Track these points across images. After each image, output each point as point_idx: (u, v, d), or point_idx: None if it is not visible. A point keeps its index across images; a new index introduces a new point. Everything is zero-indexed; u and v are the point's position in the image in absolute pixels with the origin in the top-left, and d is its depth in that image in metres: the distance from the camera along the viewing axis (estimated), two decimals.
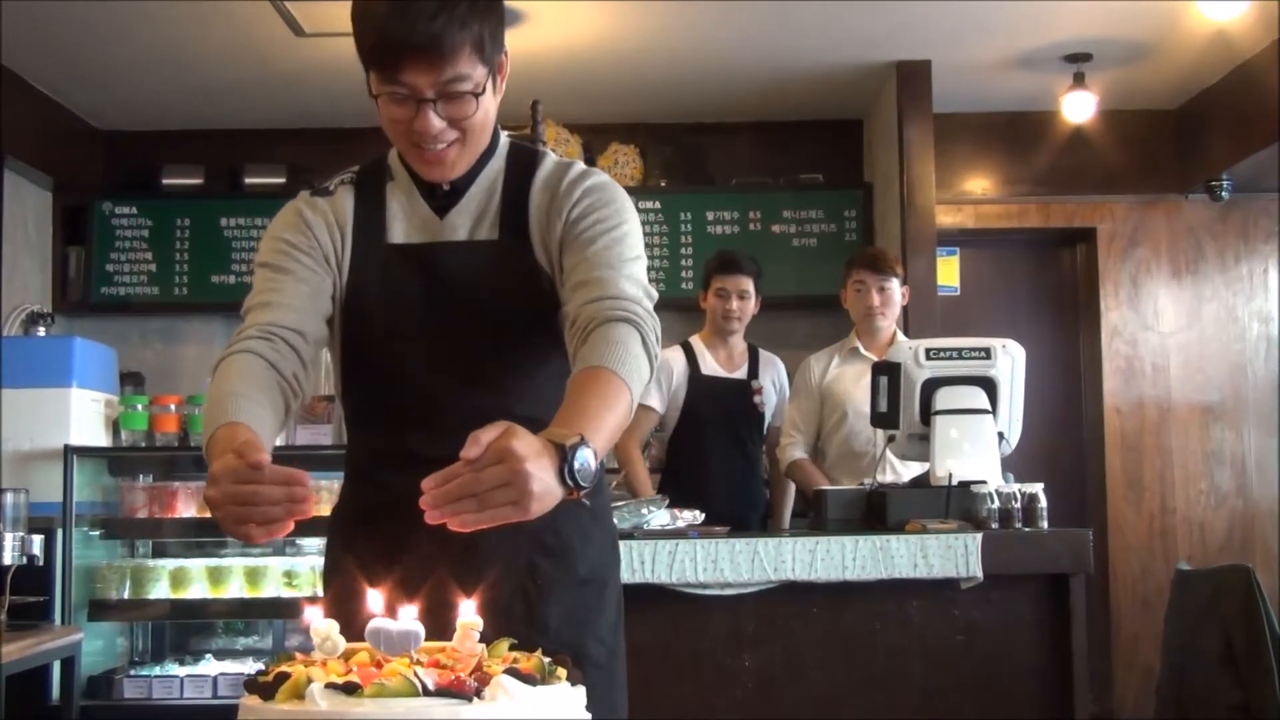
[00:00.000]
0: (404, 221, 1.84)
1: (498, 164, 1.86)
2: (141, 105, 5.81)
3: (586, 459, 1.43)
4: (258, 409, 1.66)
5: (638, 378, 1.61)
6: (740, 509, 4.24)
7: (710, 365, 4.35)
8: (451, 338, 1.77)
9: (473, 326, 1.78)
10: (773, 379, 4.45)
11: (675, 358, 4.35)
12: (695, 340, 4.43)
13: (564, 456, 1.41)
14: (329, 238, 1.84)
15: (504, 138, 1.90)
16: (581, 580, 1.85)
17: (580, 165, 1.87)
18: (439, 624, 1.38)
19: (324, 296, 1.82)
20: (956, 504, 3.51)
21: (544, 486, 1.38)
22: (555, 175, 1.85)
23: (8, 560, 3.60)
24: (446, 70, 1.65)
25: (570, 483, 1.41)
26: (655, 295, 1.77)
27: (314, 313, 1.81)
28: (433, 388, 1.79)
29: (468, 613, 1.37)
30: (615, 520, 3.18)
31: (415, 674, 1.24)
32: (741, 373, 4.39)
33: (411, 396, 1.81)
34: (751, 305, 4.37)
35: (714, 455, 4.25)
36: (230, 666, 4.31)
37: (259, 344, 1.75)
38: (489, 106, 1.76)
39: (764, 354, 4.47)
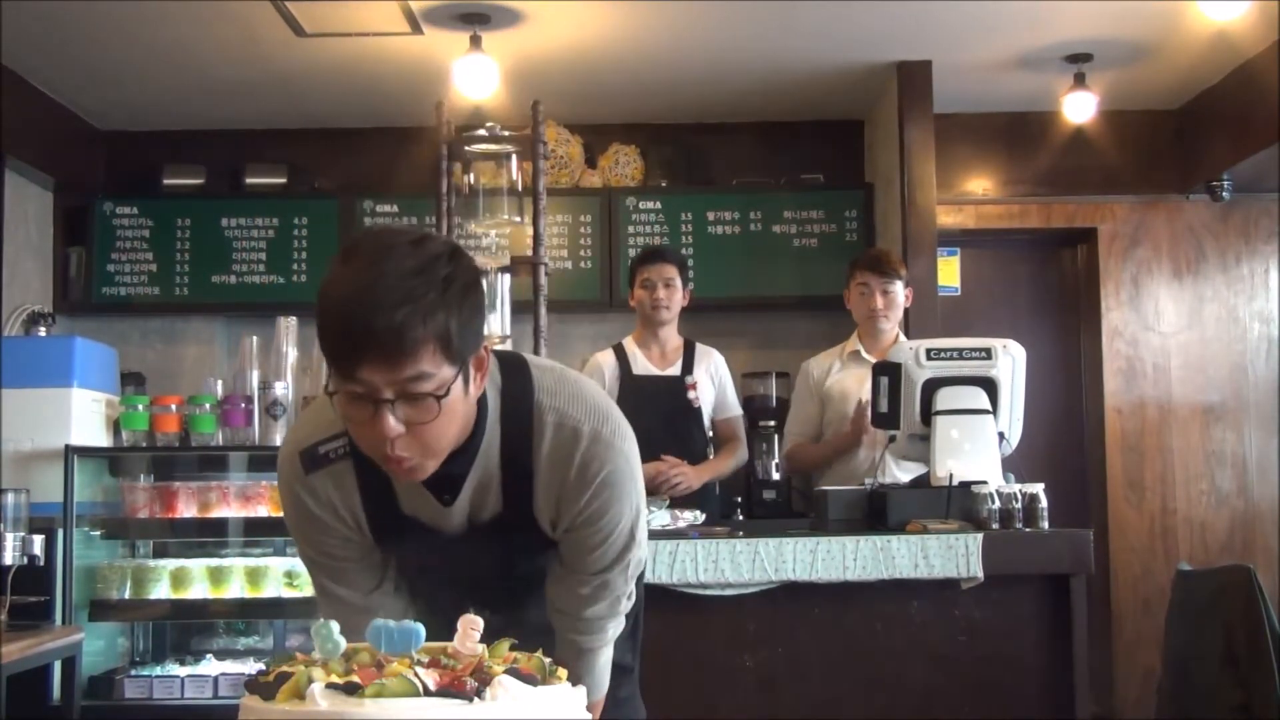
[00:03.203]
0: (410, 499, 1.81)
1: (492, 436, 1.74)
2: (142, 105, 5.81)
3: None
4: None
5: (603, 684, 1.98)
6: (704, 505, 4.21)
7: (642, 365, 4.32)
8: (466, 573, 1.89)
9: (484, 568, 1.89)
10: (709, 372, 4.39)
11: (606, 360, 4.33)
12: (628, 341, 4.41)
13: None
14: (341, 521, 1.81)
15: (494, 395, 1.74)
16: None
17: (584, 441, 1.75)
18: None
19: (372, 551, 1.88)
20: (957, 504, 3.51)
21: None
22: (561, 455, 1.75)
23: (8, 560, 3.60)
24: (406, 368, 1.50)
25: None
26: (641, 565, 1.96)
27: (372, 576, 1.90)
28: (451, 589, 1.91)
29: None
30: None
31: (415, 674, 1.24)
32: (675, 369, 4.34)
33: (435, 595, 1.94)
34: (679, 296, 4.32)
35: (656, 454, 4.18)
36: (231, 667, 4.31)
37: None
38: (457, 407, 1.59)
39: (700, 347, 4.42)
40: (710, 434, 4.41)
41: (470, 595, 1.85)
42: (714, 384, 4.39)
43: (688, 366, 4.35)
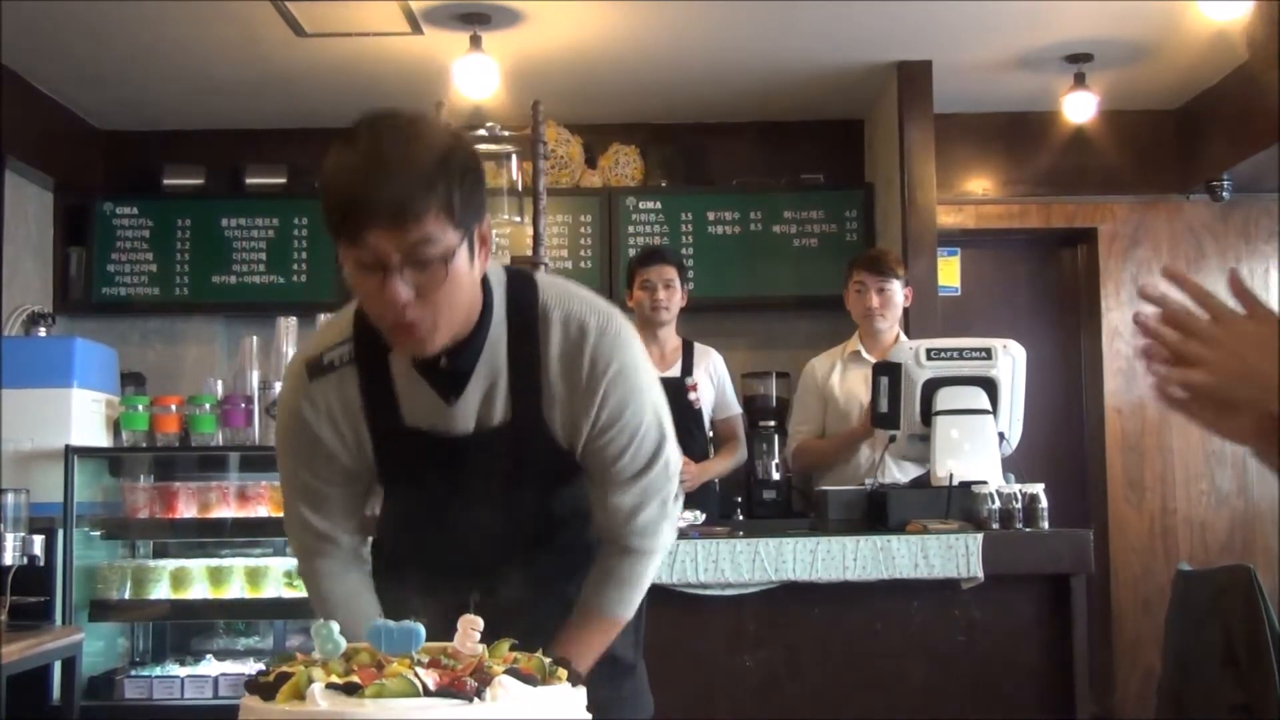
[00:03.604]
0: (412, 404, 1.77)
1: (498, 334, 1.75)
2: (142, 105, 5.81)
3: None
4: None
5: (633, 603, 1.90)
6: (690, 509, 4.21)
7: None
8: (476, 494, 1.82)
9: (495, 489, 1.83)
10: (708, 372, 4.39)
11: None
12: None
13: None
14: (338, 436, 1.80)
15: (499, 294, 1.77)
16: None
17: (592, 336, 1.77)
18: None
19: (356, 480, 1.86)
20: (957, 504, 3.51)
21: None
22: (571, 355, 1.76)
23: (9, 561, 3.60)
24: (412, 232, 1.54)
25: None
26: (679, 464, 1.91)
27: (356, 508, 1.89)
28: (460, 521, 1.84)
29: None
30: None
31: (415, 674, 1.24)
32: (675, 370, 4.34)
33: (442, 525, 1.87)
34: (678, 296, 4.32)
35: None
36: (231, 667, 4.30)
37: (322, 562, 1.89)
38: (463, 277, 1.62)
39: (699, 347, 4.42)
40: (710, 434, 4.41)
41: (473, 541, 1.82)
42: (713, 384, 4.38)
43: (687, 367, 4.35)
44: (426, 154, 1.56)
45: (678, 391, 4.30)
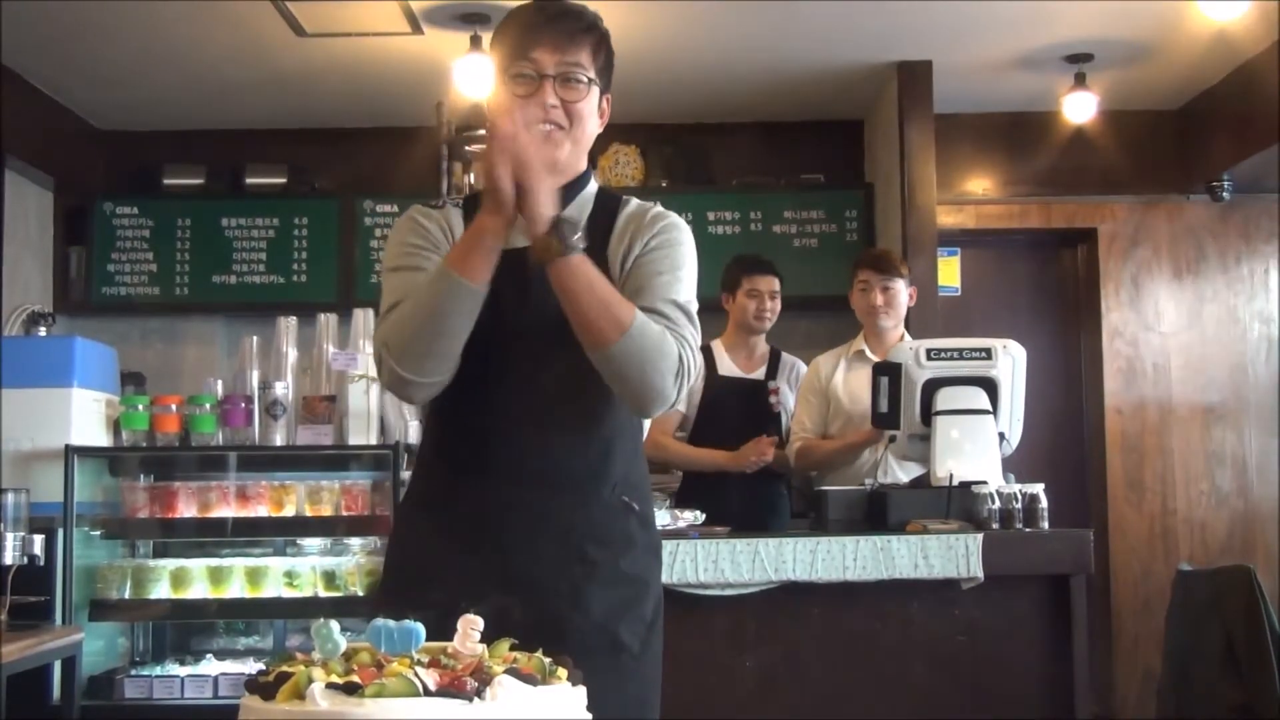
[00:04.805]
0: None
1: (588, 194, 2.10)
2: (142, 105, 5.81)
3: (576, 236, 1.83)
4: None
5: (642, 336, 1.90)
6: (762, 510, 4.23)
7: (728, 366, 4.36)
8: (533, 338, 1.97)
9: (550, 331, 1.93)
10: (791, 380, 4.46)
11: None
12: (715, 343, 4.44)
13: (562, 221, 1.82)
14: (444, 238, 2.05)
15: (597, 181, 2.13)
16: (624, 578, 2.02)
17: (659, 206, 2.13)
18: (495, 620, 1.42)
19: None
20: (957, 504, 3.51)
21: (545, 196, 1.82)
22: (640, 209, 2.10)
23: (9, 560, 3.60)
24: (569, 53, 1.97)
25: (556, 232, 1.81)
26: (699, 333, 2.07)
27: None
28: (515, 379, 1.99)
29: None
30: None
31: (415, 674, 1.24)
32: (759, 373, 4.40)
33: (498, 386, 1.99)
34: (779, 306, 4.41)
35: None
36: (231, 667, 4.30)
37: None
38: (589, 117, 2.02)
39: (786, 356, 4.50)
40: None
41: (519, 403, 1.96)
42: (795, 393, 4.44)
43: (771, 372, 4.41)
44: (589, 14, 2.03)
45: (759, 393, 4.35)
